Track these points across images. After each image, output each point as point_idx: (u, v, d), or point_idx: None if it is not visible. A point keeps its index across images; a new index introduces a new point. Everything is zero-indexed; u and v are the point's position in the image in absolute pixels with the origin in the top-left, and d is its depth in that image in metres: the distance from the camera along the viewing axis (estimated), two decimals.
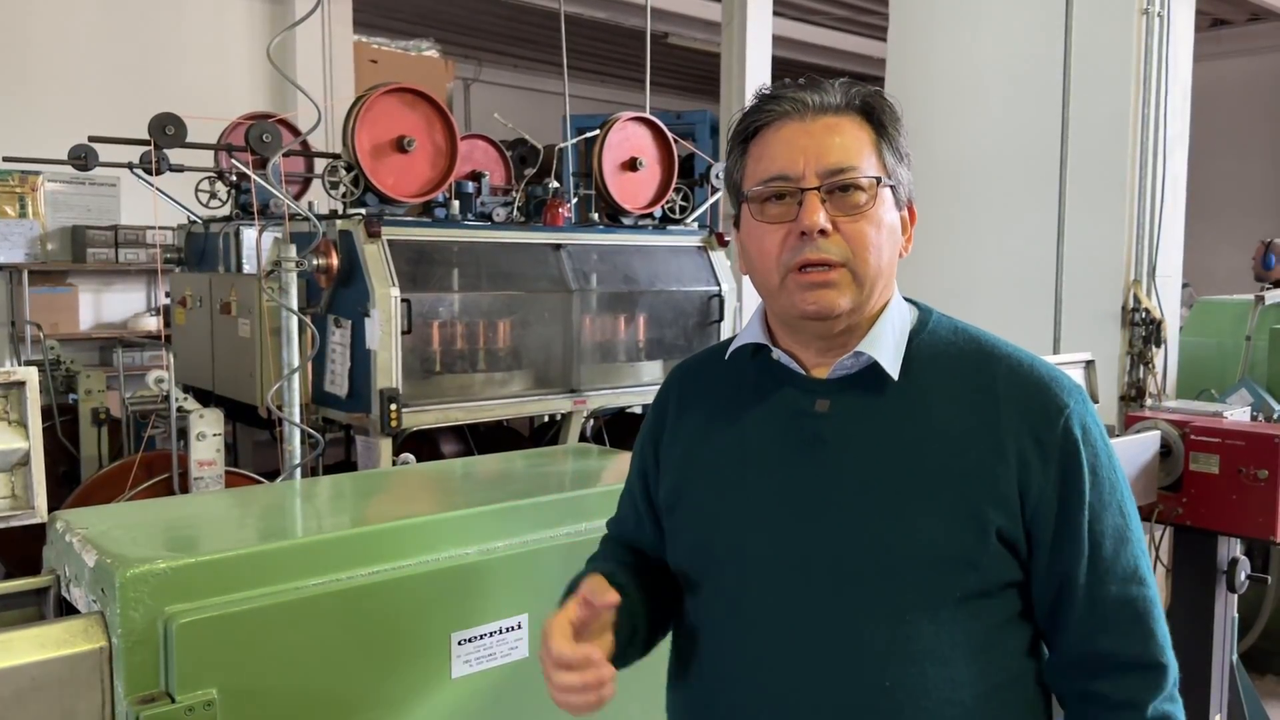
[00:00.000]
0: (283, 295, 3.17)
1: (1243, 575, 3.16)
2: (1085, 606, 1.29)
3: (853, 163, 1.31)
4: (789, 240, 1.32)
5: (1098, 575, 1.29)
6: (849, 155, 1.32)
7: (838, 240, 1.30)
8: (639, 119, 4.59)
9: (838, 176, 1.31)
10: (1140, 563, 1.32)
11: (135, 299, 7.18)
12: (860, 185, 1.31)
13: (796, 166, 1.31)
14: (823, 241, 1.30)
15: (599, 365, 4.34)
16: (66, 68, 6.79)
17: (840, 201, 1.31)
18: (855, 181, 1.31)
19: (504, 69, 12.04)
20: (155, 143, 3.85)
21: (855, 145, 1.33)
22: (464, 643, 1.79)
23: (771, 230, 1.33)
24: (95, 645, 1.51)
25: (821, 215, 1.29)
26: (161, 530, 1.78)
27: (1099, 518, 1.30)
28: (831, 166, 1.31)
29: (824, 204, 1.30)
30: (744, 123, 1.39)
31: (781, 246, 1.32)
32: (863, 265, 1.31)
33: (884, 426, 1.33)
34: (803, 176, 1.31)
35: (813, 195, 1.30)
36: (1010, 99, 4.63)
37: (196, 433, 3.34)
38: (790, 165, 1.32)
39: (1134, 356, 4.20)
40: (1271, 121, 11.01)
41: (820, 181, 1.31)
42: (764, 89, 1.40)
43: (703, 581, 1.43)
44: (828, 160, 1.31)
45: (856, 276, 1.31)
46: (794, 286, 1.32)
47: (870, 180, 1.31)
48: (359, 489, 2.27)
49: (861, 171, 1.31)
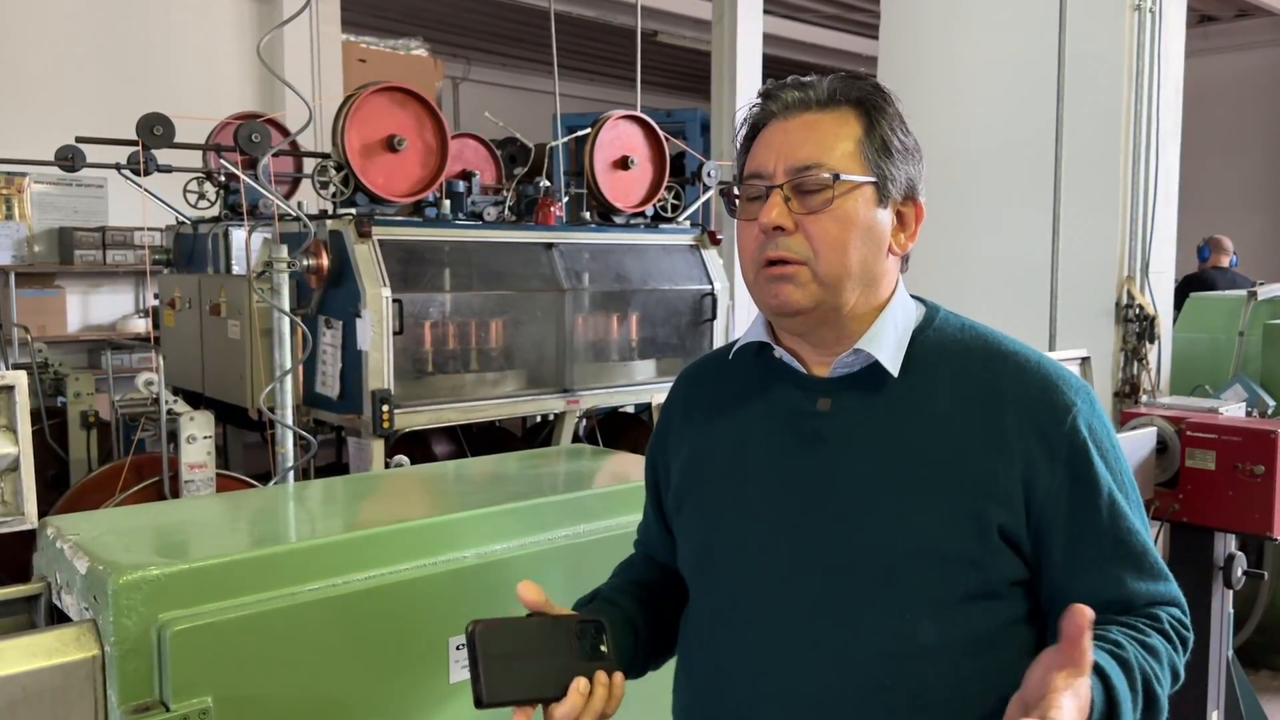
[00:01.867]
0: (274, 296, 3.14)
1: (1239, 571, 3.16)
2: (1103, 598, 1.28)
3: (818, 159, 1.31)
4: (760, 236, 1.33)
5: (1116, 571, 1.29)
6: (817, 152, 1.31)
7: (798, 238, 1.31)
8: (630, 117, 4.57)
9: (801, 173, 1.31)
10: (1156, 560, 1.32)
11: (123, 301, 7.14)
12: (821, 182, 1.30)
13: (769, 165, 1.33)
14: (782, 239, 1.30)
15: (592, 365, 4.33)
16: (53, 68, 6.75)
17: (804, 199, 1.31)
18: (814, 178, 1.30)
19: (493, 68, 12.01)
20: (143, 143, 3.82)
21: (829, 141, 1.32)
22: (462, 647, 1.77)
23: (747, 227, 1.35)
24: (88, 654, 1.49)
25: (776, 212, 1.30)
26: (154, 536, 1.76)
27: (1114, 514, 1.29)
28: (798, 164, 1.31)
29: (788, 201, 1.31)
30: (743, 124, 1.41)
31: (754, 242, 1.34)
32: (823, 263, 1.31)
33: (885, 424, 1.32)
34: (773, 174, 1.32)
35: (775, 193, 1.31)
36: (1002, 95, 4.63)
37: (187, 435, 3.31)
38: (765, 164, 1.34)
39: (1128, 353, 4.20)
40: (1261, 117, 11.06)
41: (786, 179, 1.31)
42: (763, 89, 1.40)
43: (705, 580, 1.43)
44: (796, 157, 1.31)
45: (817, 275, 1.31)
46: (762, 281, 1.34)
47: (829, 176, 1.30)
48: (353, 492, 2.25)
49: (825, 168, 1.30)
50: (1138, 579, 1.30)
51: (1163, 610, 1.30)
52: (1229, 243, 7.47)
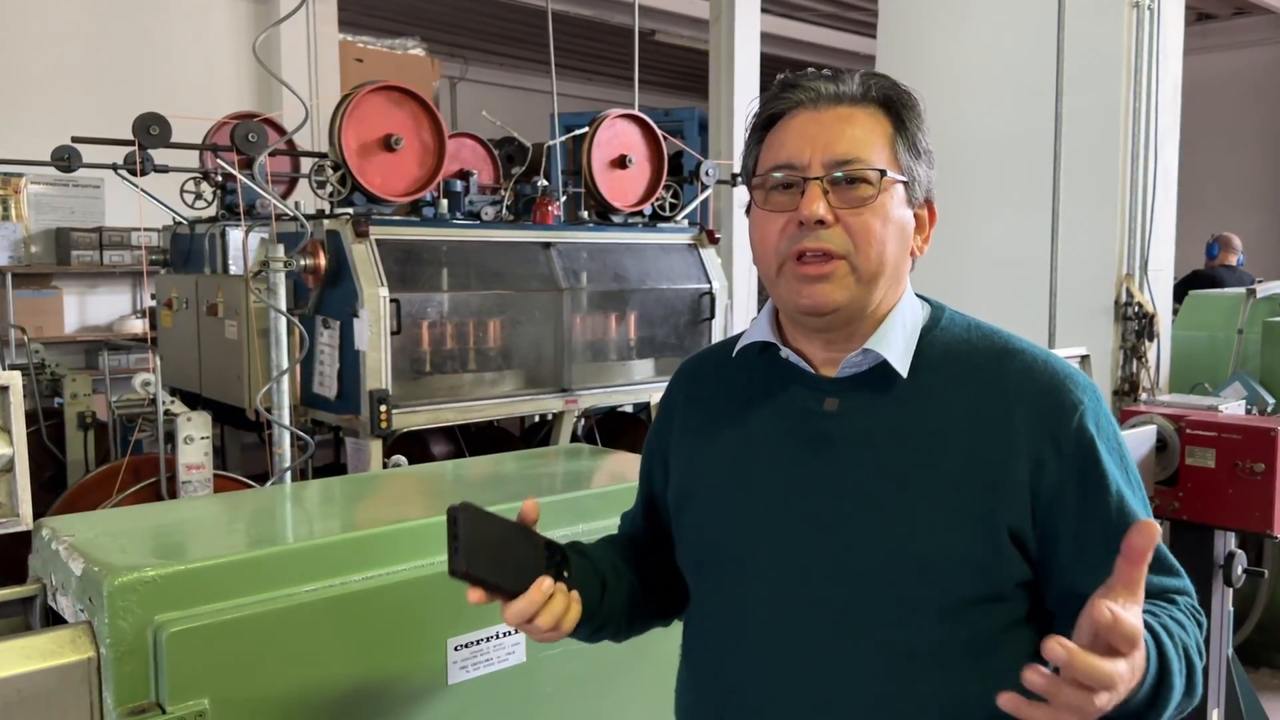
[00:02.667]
0: (271, 296, 3.13)
1: (1239, 569, 3.16)
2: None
3: (860, 154, 1.29)
4: (788, 228, 1.29)
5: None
6: (857, 146, 1.29)
7: (839, 232, 1.28)
8: (628, 116, 4.57)
9: (843, 167, 1.28)
10: (1166, 555, 1.31)
11: (121, 301, 7.13)
12: (866, 177, 1.28)
13: (803, 155, 1.29)
14: (823, 232, 1.27)
15: (590, 364, 4.32)
16: (50, 68, 6.73)
17: (844, 193, 1.29)
18: (860, 173, 1.28)
19: (490, 67, 12.00)
20: (139, 143, 3.80)
21: (867, 137, 1.30)
22: (460, 648, 1.76)
23: (774, 218, 1.31)
24: (83, 656, 1.48)
25: (821, 205, 1.27)
26: (150, 537, 1.75)
27: (1123, 511, 1.28)
28: (838, 157, 1.28)
29: (827, 194, 1.28)
30: (762, 111, 1.37)
31: (781, 234, 1.30)
32: (864, 259, 1.28)
33: (893, 425, 1.31)
34: (808, 165, 1.29)
35: (815, 184, 1.28)
36: (1001, 93, 4.62)
37: (184, 436, 3.30)
38: (798, 154, 1.30)
39: (1127, 351, 4.20)
40: (1259, 115, 11.05)
41: (825, 171, 1.28)
42: (785, 77, 1.37)
43: (710, 581, 1.42)
44: (835, 150, 1.29)
45: (856, 270, 1.29)
46: (790, 277, 1.30)
47: (876, 172, 1.29)
48: (350, 492, 2.24)
49: (868, 163, 1.29)
50: (1149, 574, 1.29)
51: (1178, 597, 1.29)
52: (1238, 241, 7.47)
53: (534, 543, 1.29)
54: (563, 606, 1.26)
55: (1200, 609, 1.31)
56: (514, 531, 1.28)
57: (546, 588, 1.24)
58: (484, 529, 1.23)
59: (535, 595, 1.24)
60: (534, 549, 1.29)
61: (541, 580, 1.25)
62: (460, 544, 1.21)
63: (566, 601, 1.27)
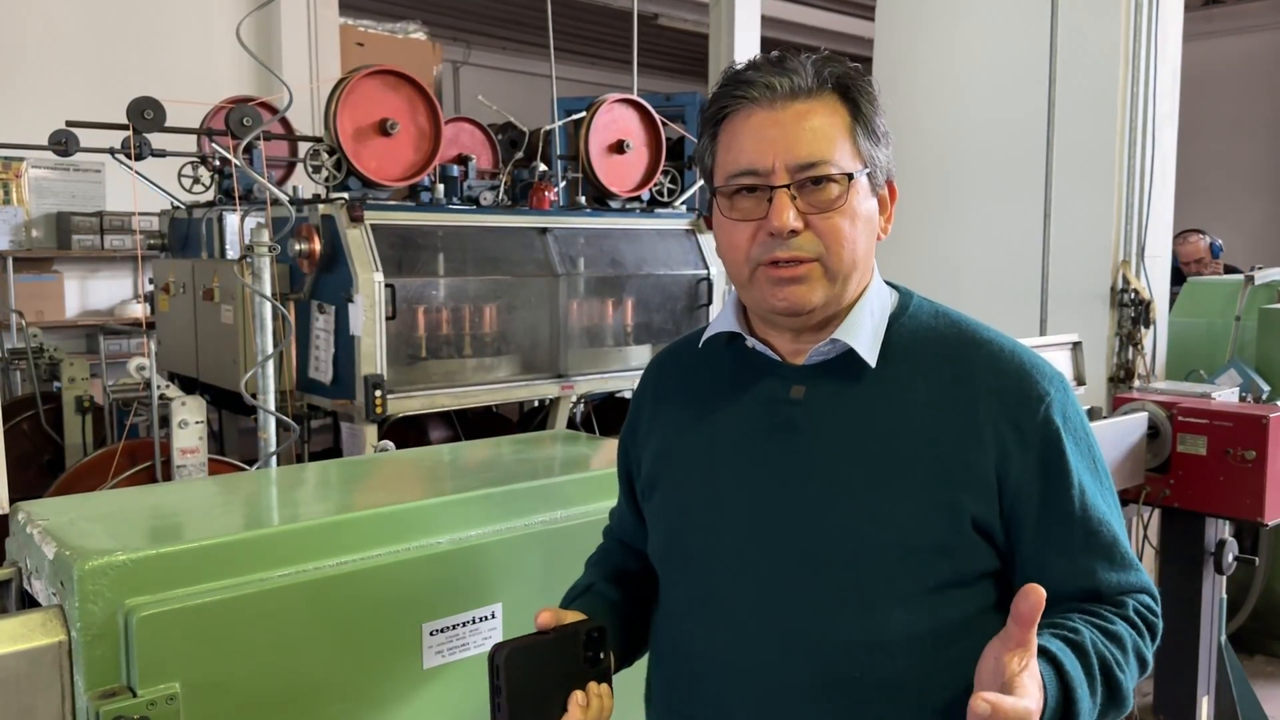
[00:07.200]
0: (255, 281, 3.12)
1: (1230, 557, 3.15)
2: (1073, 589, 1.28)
3: (823, 154, 1.27)
4: (759, 236, 1.28)
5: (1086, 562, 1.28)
6: (820, 146, 1.27)
7: (809, 237, 1.27)
8: (626, 101, 4.55)
9: (809, 171, 1.26)
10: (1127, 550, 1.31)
11: (121, 286, 7.13)
12: (833, 179, 1.27)
13: (766, 160, 1.27)
14: (794, 240, 1.26)
15: (586, 350, 4.32)
16: (49, 52, 6.72)
17: (812, 196, 1.27)
18: (827, 175, 1.27)
19: (493, 51, 11.96)
20: (133, 127, 3.80)
21: (828, 133, 1.28)
22: (436, 633, 1.77)
23: (742, 226, 1.30)
24: (54, 639, 1.48)
25: (791, 215, 1.25)
26: (125, 521, 1.75)
27: (1085, 505, 1.28)
28: (802, 160, 1.26)
29: (794, 200, 1.26)
30: (713, 108, 1.34)
31: (751, 242, 1.29)
32: (835, 260, 1.28)
33: (858, 413, 1.31)
34: (772, 171, 1.27)
35: (782, 193, 1.26)
36: (998, 78, 4.59)
37: (178, 420, 3.31)
38: (759, 159, 1.27)
39: (1123, 338, 4.18)
40: (1263, 101, 10.95)
41: (791, 177, 1.26)
42: (732, 69, 1.34)
43: (676, 570, 1.42)
44: (798, 153, 1.26)
45: (829, 271, 1.28)
46: (764, 281, 1.29)
47: (842, 174, 1.27)
48: (330, 477, 2.24)
49: (835, 165, 1.27)
50: (1109, 569, 1.28)
51: (1131, 598, 1.29)
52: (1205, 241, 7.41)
53: (573, 645, 1.30)
54: (599, 709, 1.29)
55: (1156, 608, 1.31)
56: (552, 648, 1.28)
57: (582, 702, 1.28)
58: (524, 663, 1.25)
59: (576, 715, 1.27)
60: (574, 652, 1.29)
61: (576, 696, 1.28)
62: (504, 699, 1.23)
63: (600, 699, 1.30)
